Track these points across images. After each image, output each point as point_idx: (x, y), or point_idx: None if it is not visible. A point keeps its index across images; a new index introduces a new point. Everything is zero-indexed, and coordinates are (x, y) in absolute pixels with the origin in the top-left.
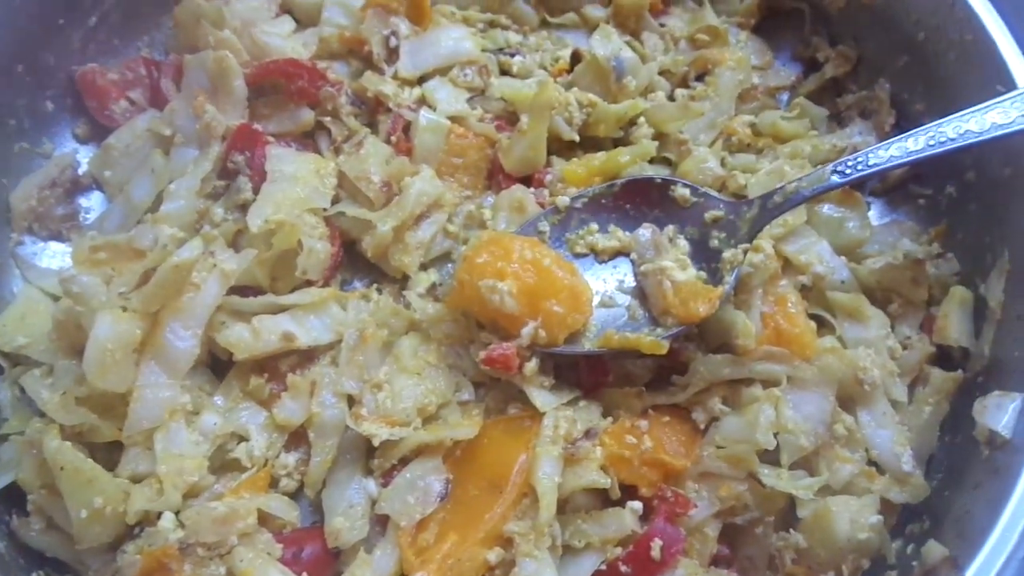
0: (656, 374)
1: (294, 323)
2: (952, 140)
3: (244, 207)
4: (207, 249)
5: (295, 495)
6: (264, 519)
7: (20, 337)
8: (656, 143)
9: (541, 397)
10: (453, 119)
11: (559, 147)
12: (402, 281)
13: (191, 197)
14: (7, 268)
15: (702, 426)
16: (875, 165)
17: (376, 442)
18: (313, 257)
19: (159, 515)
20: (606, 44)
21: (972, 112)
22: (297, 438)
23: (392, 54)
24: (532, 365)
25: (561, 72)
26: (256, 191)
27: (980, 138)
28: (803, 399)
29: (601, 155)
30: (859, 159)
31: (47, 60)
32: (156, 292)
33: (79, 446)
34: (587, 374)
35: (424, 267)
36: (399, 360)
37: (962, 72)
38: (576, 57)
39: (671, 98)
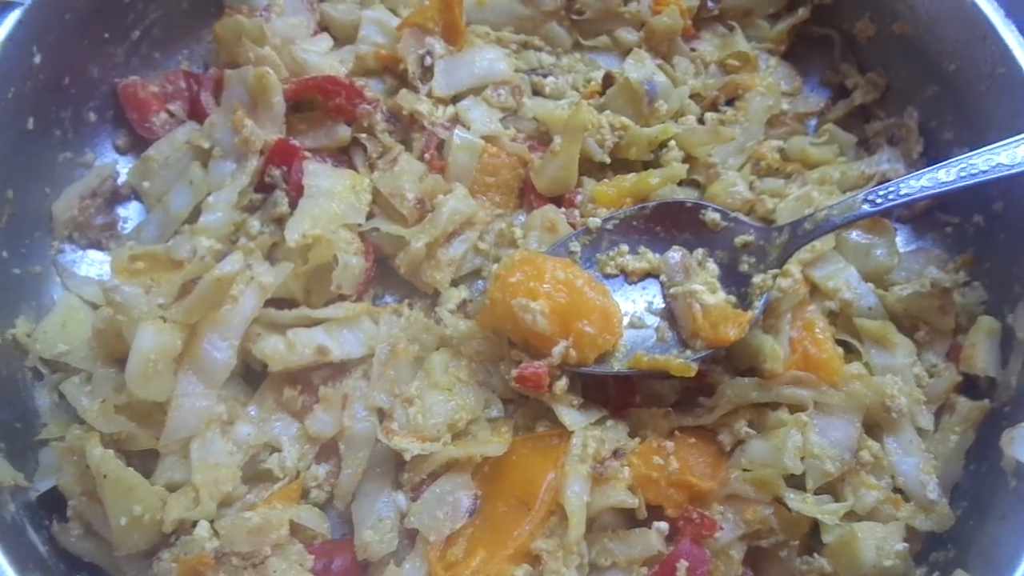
0: (683, 395)
1: (328, 337)
2: (983, 172)
3: (280, 220)
4: (245, 262)
5: (325, 507)
6: (295, 530)
7: (60, 344)
8: (686, 166)
9: (570, 416)
10: (486, 138)
11: (590, 168)
12: (433, 297)
13: (229, 210)
14: (48, 276)
15: (727, 448)
16: (906, 195)
17: (407, 457)
18: (348, 272)
19: (194, 524)
20: (639, 68)
21: (1004, 145)
22: (328, 450)
23: (427, 73)
24: (562, 384)
25: (593, 94)
26: (292, 205)
27: (1011, 171)
28: (829, 424)
29: (632, 177)
30: (890, 189)
31: (92, 72)
32: (197, 304)
33: (117, 454)
34: (615, 394)
35: (455, 283)
36: (430, 376)
37: (993, 104)
38: (608, 80)
39: (701, 122)
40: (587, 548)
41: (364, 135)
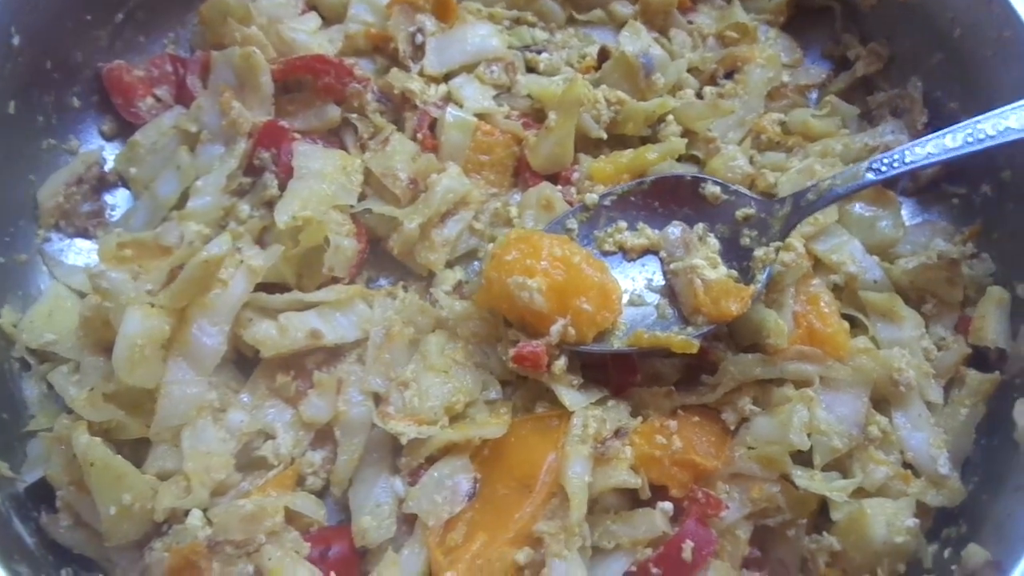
0: (685, 374)
1: (321, 320)
2: (991, 137)
3: (270, 204)
4: (234, 245)
5: (321, 493)
6: (291, 517)
7: (47, 334)
8: (685, 140)
9: (570, 396)
10: (480, 116)
11: (586, 145)
12: (428, 278)
13: (217, 194)
14: (35, 265)
15: (732, 426)
16: (911, 162)
17: (403, 440)
18: (340, 254)
19: (186, 512)
20: (635, 41)
21: (1013, 108)
22: (323, 436)
23: (418, 51)
24: (560, 364)
25: (588, 69)
26: (282, 188)
27: (1021, 135)
28: (836, 400)
29: (629, 152)
30: (895, 156)
31: (75, 57)
32: (184, 288)
33: (107, 443)
34: (616, 374)
35: (450, 265)
36: (426, 358)
37: (999, 69)
38: (603, 54)
39: (700, 96)
40: (589, 530)
41: (355, 115)
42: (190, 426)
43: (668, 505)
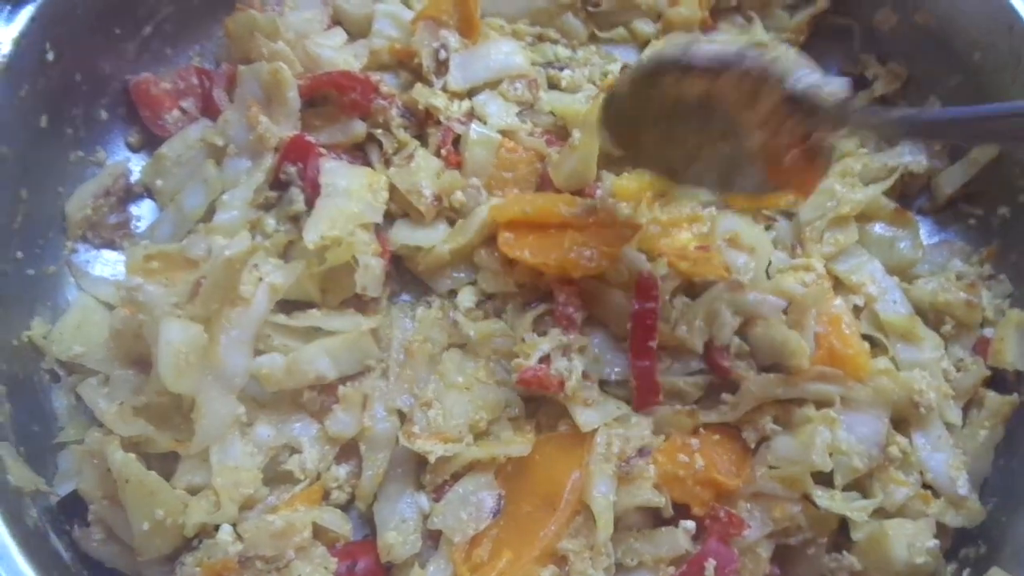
0: (706, 392)
1: (330, 360)
2: None
3: (296, 219)
4: (251, 263)
5: (346, 508)
6: (317, 532)
7: (76, 346)
8: None
9: (584, 416)
10: (503, 133)
11: (606, 162)
12: (450, 295)
13: (244, 208)
14: (63, 276)
15: (752, 444)
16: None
17: (432, 459)
18: (369, 273)
19: (216, 527)
20: None
21: None
22: (348, 451)
23: (441, 67)
24: (573, 383)
25: (610, 87)
26: (308, 203)
27: None
28: (857, 421)
29: None
30: None
31: (103, 70)
32: (211, 292)
33: (138, 457)
34: (637, 393)
35: (473, 282)
36: (444, 377)
37: (1017, 94)
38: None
39: None
40: (613, 548)
41: (379, 131)
42: (218, 441)
43: (691, 524)
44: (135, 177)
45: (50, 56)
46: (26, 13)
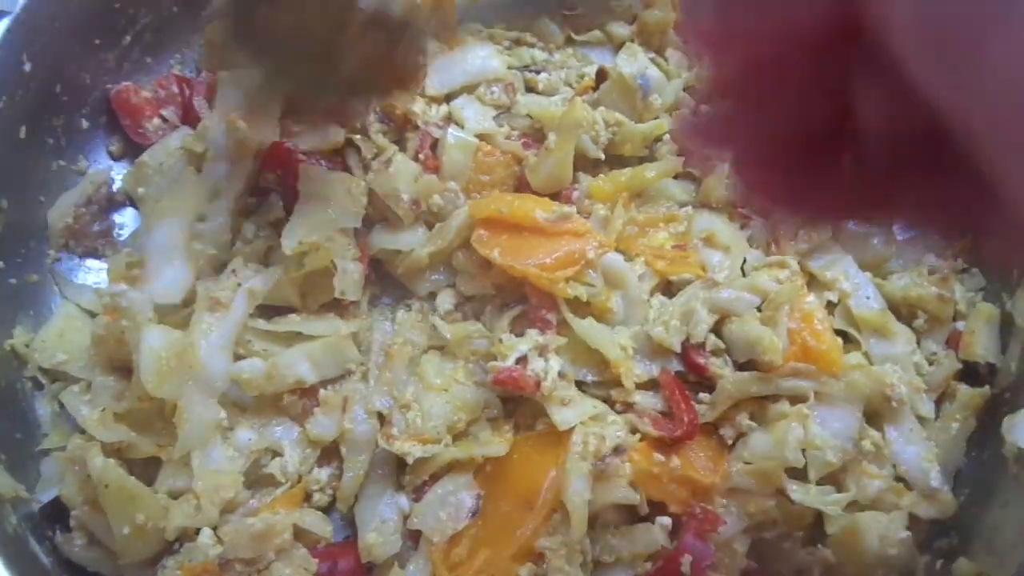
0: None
1: (310, 365)
2: None
3: (275, 224)
4: (230, 268)
5: (327, 510)
6: (298, 534)
7: (59, 353)
8: (682, 158)
9: (560, 414)
10: (481, 137)
11: (584, 164)
12: (430, 298)
13: (224, 214)
14: (46, 285)
15: (730, 441)
16: None
17: (410, 460)
18: (348, 278)
19: (197, 531)
20: (632, 62)
21: None
22: (329, 454)
23: None
24: (548, 383)
25: (586, 90)
26: (288, 209)
27: None
28: (830, 416)
29: (628, 171)
30: None
31: (83, 79)
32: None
33: (120, 463)
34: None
35: (452, 285)
36: (423, 379)
37: None
38: (602, 75)
39: (695, 115)
40: (590, 545)
41: (357, 136)
42: (201, 445)
43: (667, 520)
44: (117, 185)
45: (27, 67)
46: (2, 25)
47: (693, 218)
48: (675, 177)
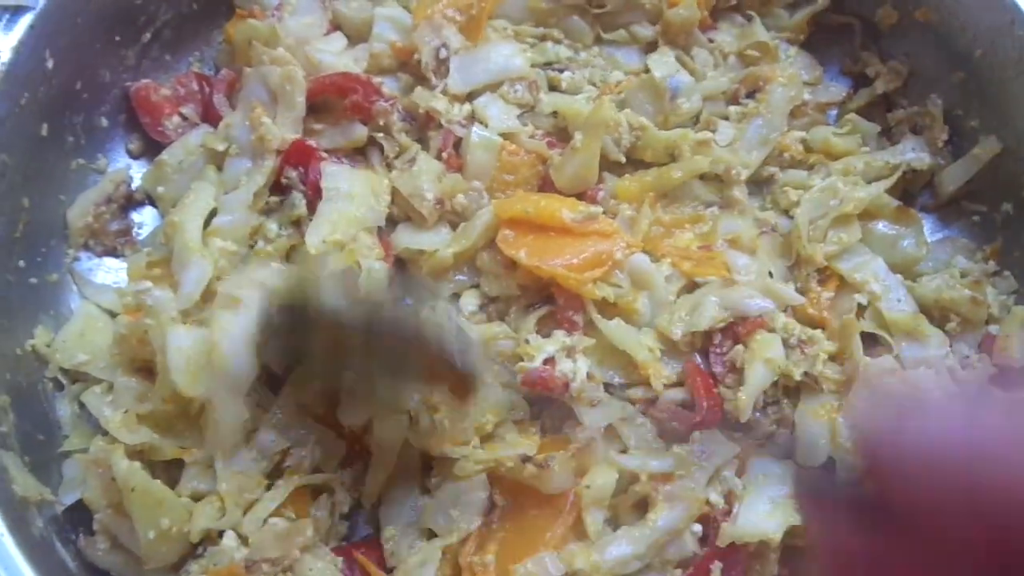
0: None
1: None
2: None
3: (298, 223)
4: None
5: (351, 510)
6: (318, 531)
7: (80, 354)
8: (708, 159)
9: (589, 416)
10: (504, 136)
11: (608, 164)
12: (454, 298)
13: (243, 211)
14: (65, 285)
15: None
16: None
17: (436, 452)
18: (373, 277)
19: (220, 534)
20: (664, 65)
21: None
22: (353, 456)
23: (441, 65)
24: (577, 384)
25: (612, 89)
26: (311, 207)
27: None
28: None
29: (654, 171)
30: None
31: (103, 76)
32: None
33: (143, 465)
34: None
35: (476, 285)
36: None
37: (1019, 91)
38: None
39: (725, 117)
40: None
41: (380, 134)
42: (231, 444)
43: (698, 527)
44: (136, 184)
45: (50, 64)
46: (25, 21)
47: (719, 219)
48: (700, 178)
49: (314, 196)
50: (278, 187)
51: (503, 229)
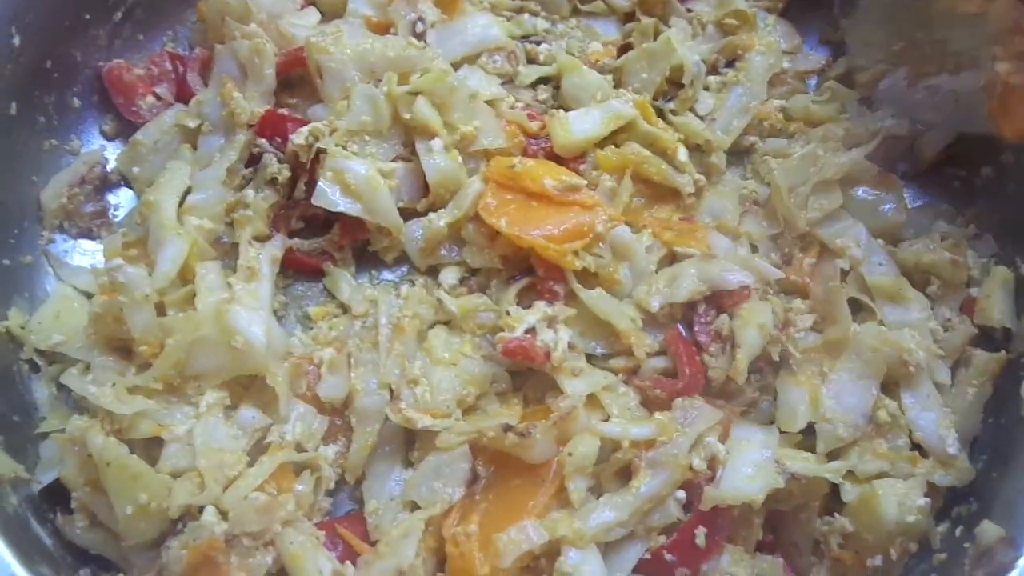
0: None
1: None
2: None
3: (273, 182)
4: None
5: (335, 486)
6: (300, 505)
7: (56, 335)
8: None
9: (571, 385)
10: (488, 103)
11: None
12: (433, 273)
13: (217, 187)
14: (40, 266)
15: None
16: None
17: (419, 426)
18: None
19: (200, 509)
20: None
21: None
22: (335, 431)
23: (418, 39)
24: (559, 354)
25: (599, 59)
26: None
27: None
28: (845, 390)
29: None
30: None
31: (74, 56)
32: None
33: (120, 443)
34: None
35: (458, 261)
36: (431, 353)
37: None
38: (625, 47)
39: (705, 87)
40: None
41: None
42: (201, 423)
43: (681, 493)
44: (111, 165)
45: (16, 40)
46: None
47: (703, 193)
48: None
49: (290, 162)
50: (251, 160)
51: (485, 197)
